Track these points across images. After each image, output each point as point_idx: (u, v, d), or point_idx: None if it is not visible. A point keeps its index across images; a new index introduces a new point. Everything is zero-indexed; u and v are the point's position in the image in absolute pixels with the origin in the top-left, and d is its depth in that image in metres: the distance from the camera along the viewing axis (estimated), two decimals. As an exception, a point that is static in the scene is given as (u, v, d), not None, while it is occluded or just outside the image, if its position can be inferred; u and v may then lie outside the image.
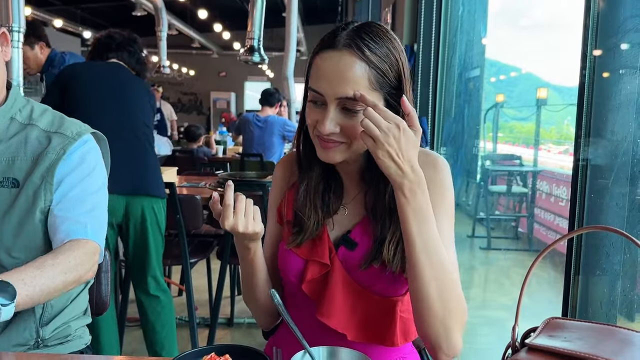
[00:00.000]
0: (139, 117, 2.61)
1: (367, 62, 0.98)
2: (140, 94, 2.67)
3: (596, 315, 1.33)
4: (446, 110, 2.87)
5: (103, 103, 2.52)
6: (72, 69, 2.66)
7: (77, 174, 1.26)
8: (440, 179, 1.09)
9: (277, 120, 4.92)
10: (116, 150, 2.41)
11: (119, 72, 2.64)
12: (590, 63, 1.36)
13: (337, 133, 1.02)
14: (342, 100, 0.99)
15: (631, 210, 1.27)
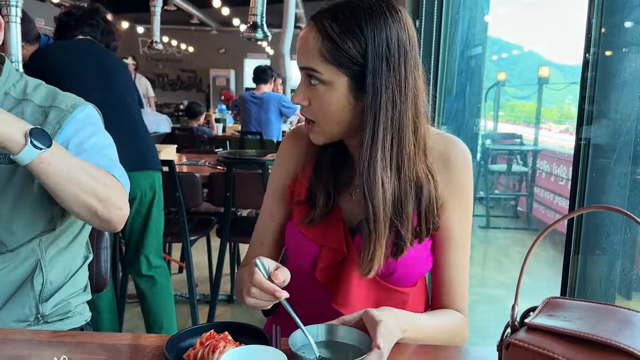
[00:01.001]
0: (122, 90, 2.55)
1: (322, 34, 0.98)
2: (119, 67, 2.61)
3: (595, 294, 1.34)
4: (447, 89, 2.84)
5: (85, 81, 2.43)
6: (42, 53, 2.56)
7: (82, 133, 1.22)
8: (451, 180, 1.08)
9: (273, 97, 4.90)
10: (109, 128, 2.44)
11: (91, 47, 2.55)
12: (594, 40, 1.34)
13: (307, 108, 1.03)
14: (303, 71, 1.01)
15: (633, 189, 1.26)
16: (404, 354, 0.99)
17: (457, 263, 1.10)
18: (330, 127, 1.04)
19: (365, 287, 1.07)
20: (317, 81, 1.00)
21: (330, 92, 1.00)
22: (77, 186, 1.06)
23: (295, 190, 1.14)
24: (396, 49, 0.98)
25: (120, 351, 0.96)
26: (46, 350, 0.94)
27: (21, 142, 0.98)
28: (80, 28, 2.56)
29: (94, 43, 2.57)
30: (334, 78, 0.99)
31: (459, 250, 1.10)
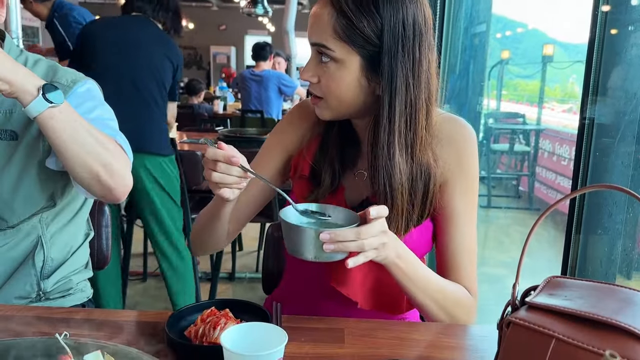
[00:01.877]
0: (149, 76, 2.53)
1: (337, 10, 0.95)
2: (160, 54, 2.57)
3: (596, 273, 1.34)
4: (451, 67, 2.82)
5: (111, 59, 2.47)
6: (90, 24, 2.64)
7: (85, 106, 1.21)
8: (460, 160, 1.07)
9: (272, 75, 4.86)
10: (115, 104, 2.43)
11: (138, 26, 2.55)
12: (600, 18, 1.32)
13: (316, 85, 1.01)
14: (315, 47, 0.99)
15: (636, 168, 1.26)
16: (406, 331, 0.99)
17: (462, 243, 1.08)
18: (338, 106, 1.02)
19: (365, 266, 1.05)
20: (328, 58, 0.97)
21: (342, 70, 0.98)
22: (83, 147, 1.06)
23: (298, 165, 1.13)
24: (411, 30, 0.96)
25: (121, 328, 0.96)
26: (47, 327, 0.94)
27: (33, 93, 0.99)
28: (133, 3, 2.57)
29: (144, 22, 2.57)
30: (346, 56, 0.97)
31: (464, 230, 1.08)
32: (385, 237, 0.91)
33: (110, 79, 2.42)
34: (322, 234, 0.85)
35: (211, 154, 0.92)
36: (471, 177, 1.08)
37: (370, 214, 0.87)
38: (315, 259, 0.87)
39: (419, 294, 1.00)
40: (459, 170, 1.06)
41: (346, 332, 0.97)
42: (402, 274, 0.97)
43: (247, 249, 4.08)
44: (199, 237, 1.17)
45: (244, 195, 1.10)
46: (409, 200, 1.02)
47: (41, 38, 9.47)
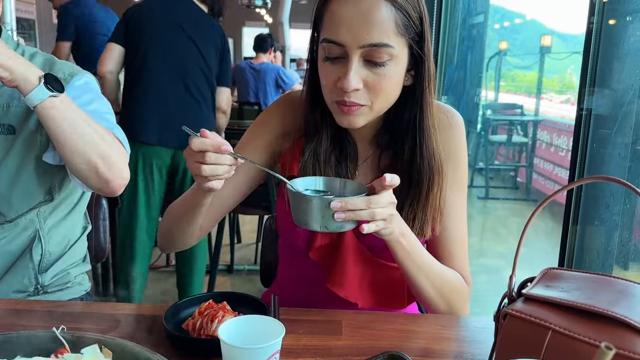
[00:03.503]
0: (195, 66, 2.50)
1: (392, 3, 0.89)
2: (206, 37, 2.52)
3: (593, 264, 1.34)
4: (448, 57, 2.81)
5: (158, 49, 2.44)
6: (135, 7, 2.55)
7: (84, 98, 1.20)
8: (455, 147, 1.06)
9: (271, 68, 4.83)
10: (164, 104, 2.45)
11: (183, 10, 2.50)
12: (598, 9, 1.31)
13: (359, 92, 0.93)
14: (366, 49, 0.90)
15: (633, 160, 1.26)
16: (404, 323, 1.00)
17: (455, 232, 1.08)
18: (383, 107, 0.98)
19: (361, 266, 1.05)
20: (387, 57, 0.91)
21: (396, 67, 0.93)
22: (82, 137, 1.07)
23: (286, 164, 1.08)
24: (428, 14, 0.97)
25: (119, 321, 0.96)
26: (45, 320, 0.94)
27: (34, 82, 1.00)
28: None
29: (190, 3, 2.51)
30: (401, 51, 0.92)
31: (456, 219, 1.08)
32: (393, 209, 0.89)
33: (160, 76, 2.44)
34: (334, 202, 0.82)
35: (198, 144, 0.84)
36: (461, 166, 1.08)
37: (385, 179, 0.84)
38: (324, 229, 0.85)
39: (419, 275, 0.99)
40: (450, 159, 1.05)
41: (344, 324, 0.97)
42: (404, 253, 0.95)
43: (245, 241, 4.08)
44: (170, 233, 1.10)
45: (220, 191, 1.05)
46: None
47: (37, 31, 9.41)
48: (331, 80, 0.94)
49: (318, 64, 0.97)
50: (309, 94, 1.04)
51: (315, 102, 1.03)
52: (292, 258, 1.14)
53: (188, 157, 0.87)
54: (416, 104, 0.99)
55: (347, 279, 1.04)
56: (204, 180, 0.87)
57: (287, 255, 1.17)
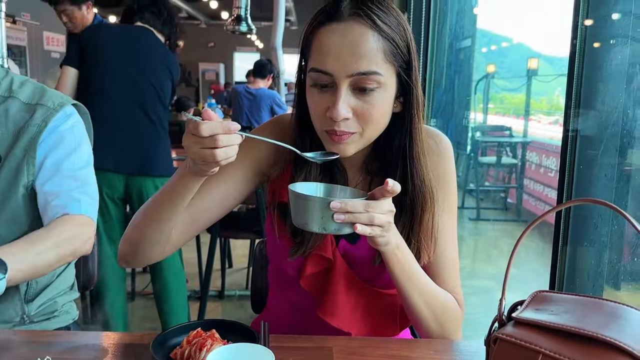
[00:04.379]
0: (152, 92, 2.47)
1: (379, 32, 0.90)
2: (162, 66, 2.51)
3: (583, 285, 1.34)
4: (436, 81, 2.84)
5: (115, 72, 2.42)
6: (92, 30, 2.54)
7: (63, 148, 1.23)
8: (444, 172, 1.06)
9: (267, 94, 4.86)
10: (123, 126, 2.43)
11: (141, 37, 2.50)
12: (581, 32, 1.34)
13: (349, 120, 0.92)
14: (354, 78, 0.90)
15: (619, 181, 1.27)
16: (396, 349, 0.99)
17: (446, 256, 1.07)
18: (373, 135, 0.97)
19: (353, 294, 1.04)
20: (375, 85, 0.91)
21: (384, 94, 0.93)
22: (49, 269, 1.13)
23: (276, 190, 1.07)
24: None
25: (106, 350, 0.95)
26: (30, 350, 0.92)
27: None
28: (141, 14, 2.51)
29: (146, 32, 2.52)
30: (389, 78, 0.93)
31: (447, 243, 1.07)
32: (391, 217, 0.89)
33: (117, 100, 2.40)
34: (333, 202, 0.82)
35: (208, 129, 0.78)
36: (451, 190, 1.08)
37: (388, 183, 0.84)
38: (322, 230, 0.85)
39: (413, 292, 0.97)
40: (440, 184, 1.05)
41: (335, 350, 0.96)
42: (399, 267, 0.94)
43: (237, 265, 4.05)
44: (140, 235, 1.00)
45: (201, 199, 1.01)
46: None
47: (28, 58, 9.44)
48: (320, 109, 0.94)
49: (306, 93, 0.97)
50: (298, 121, 1.04)
51: (304, 129, 1.02)
52: (282, 285, 1.13)
53: (193, 145, 0.81)
54: (405, 131, 0.99)
55: (338, 308, 1.02)
56: (213, 166, 0.83)
57: (276, 281, 1.16)
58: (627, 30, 1.28)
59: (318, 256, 1.02)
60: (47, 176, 1.21)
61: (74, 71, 2.45)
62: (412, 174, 1.00)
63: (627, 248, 1.30)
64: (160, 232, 0.98)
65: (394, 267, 0.94)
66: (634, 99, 1.24)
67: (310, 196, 0.85)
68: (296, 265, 1.04)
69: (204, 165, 0.83)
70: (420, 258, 1.01)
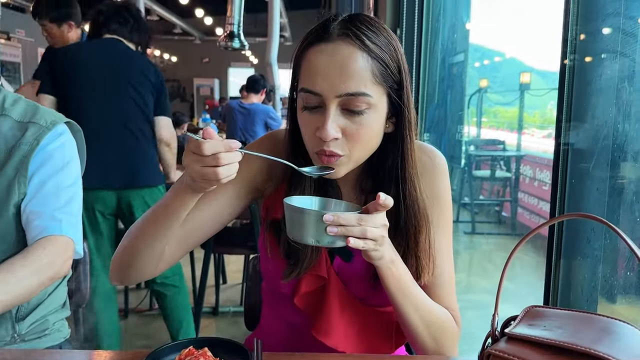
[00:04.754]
0: (131, 103, 2.43)
1: (368, 52, 0.90)
2: (138, 73, 2.45)
3: (578, 299, 1.34)
4: (429, 96, 2.86)
5: (92, 89, 2.39)
6: (64, 50, 2.51)
7: (50, 167, 1.23)
8: (438, 189, 1.06)
9: (261, 109, 4.88)
10: (105, 144, 2.40)
11: (112, 50, 2.46)
12: (571, 47, 1.35)
13: (339, 141, 0.92)
14: (343, 98, 0.90)
15: (611, 195, 1.27)
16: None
17: (442, 275, 1.07)
18: (362, 156, 0.97)
19: (347, 313, 1.03)
20: (365, 106, 0.91)
21: (375, 116, 0.93)
22: (30, 296, 1.13)
23: (270, 208, 1.07)
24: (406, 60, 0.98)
25: (97, 370, 0.93)
26: (20, 371, 0.91)
27: None
28: (108, 26, 2.48)
29: (116, 44, 2.48)
30: (379, 99, 0.93)
31: (444, 262, 1.07)
32: (385, 231, 0.88)
33: (98, 119, 2.37)
34: (326, 215, 0.82)
35: (211, 147, 0.78)
36: (446, 208, 1.08)
37: (380, 197, 0.84)
38: (317, 243, 0.85)
39: (408, 307, 0.97)
40: (434, 201, 1.05)
41: (328, 367, 0.96)
42: (394, 282, 0.94)
43: (231, 281, 4.03)
44: (135, 251, 0.99)
45: (194, 216, 1.01)
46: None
47: (22, 74, 9.45)
48: (310, 130, 0.94)
49: (297, 113, 0.97)
50: (291, 141, 1.04)
51: (297, 148, 1.02)
52: (276, 302, 1.12)
53: (194, 163, 0.81)
54: (398, 152, 0.99)
55: (333, 327, 1.01)
56: (214, 184, 0.84)
57: (270, 299, 1.15)
58: (615, 46, 1.30)
59: (313, 275, 1.02)
60: (31, 194, 1.20)
61: (51, 99, 2.42)
62: (405, 195, 0.99)
63: (621, 262, 1.30)
64: (154, 249, 0.97)
65: (389, 282, 0.94)
66: (623, 113, 1.25)
67: (305, 209, 0.85)
68: (290, 283, 1.03)
69: (205, 183, 0.83)
70: (420, 278, 1.01)
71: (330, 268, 1.02)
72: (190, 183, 0.86)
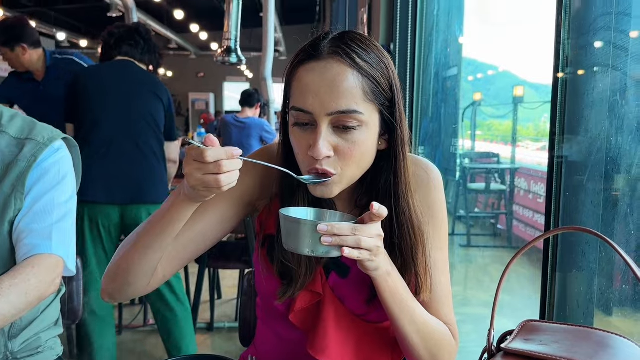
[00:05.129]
0: (143, 122, 2.50)
1: (359, 70, 0.90)
2: (149, 94, 2.53)
3: (574, 312, 1.34)
4: (423, 110, 2.87)
5: (105, 110, 2.46)
6: (78, 74, 2.60)
7: (45, 183, 1.22)
8: (433, 204, 1.05)
9: (256, 123, 4.89)
10: (115, 160, 2.45)
11: (124, 71, 2.54)
12: (563, 61, 1.36)
13: (331, 159, 0.92)
14: (334, 116, 0.90)
15: (605, 208, 1.27)
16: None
17: (439, 289, 1.06)
18: (355, 175, 0.97)
19: (343, 329, 1.01)
20: (356, 123, 0.91)
21: (367, 133, 0.93)
22: (17, 317, 1.13)
23: (263, 222, 1.06)
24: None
25: (89, 388, 0.92)
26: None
27: None
28: (119, 48, 2.56)
29: (128, 65, 2.55)
30: (371, 117, 0.92)
31: (440, 277, 1.06)
32: (380, 242, 0.88)
33: (109, 135, 2.44)
34: (320, 225, 0.82)
35: (213, 154, 0.78)
36: (441, 223, 1.07)
37: (373, 207, 0.84)
38: (312, 253, 0.85)
39: (404, 320, 0.95)
40: (429, 215, 1.04)
41: (324, 384, 0.94)
42: (390, 294, 0.93)
43: (226, 296, 4.00)
44: (128, 265, 0.97)
45: (187, 231, 1.00)
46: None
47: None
48: (302, 148, 0.94)
49: (289, 131, 0.97)
50: (283, 158, 1.03)
51: (290, 165, 1.01)
52: (271, 318, 1.11)
53: (195, 172, 0.80)
54: (390, 169, 0.99)
55: (329, 344, 1.00)
56: (215, 192, 0.83)
57: (265, 314, 1.14)
58: (607, 59, 1.31)
59: (308, 291, 1.01)
60: (24, 211, 1.20)
61: (71, 126, 2.54)
62: (399, 212, 0.99)
63: (617, 274, 1.30)
64: (148, 262, 0.96)
65: (385, 295, 0.93)
66: (616, 126, 1.26)
67: (300, 219, 0.86)
68: (286, 300, 1.02)
69: (206, 191, 0.83)
70: (421, 294, 1.00)
71: (325, 284, 1.01)
72: (189, 192, 0.86)
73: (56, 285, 1.19)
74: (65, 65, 3.06)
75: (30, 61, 3.01)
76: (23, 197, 1.19)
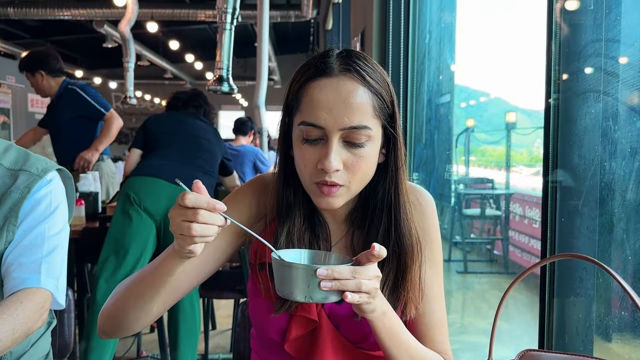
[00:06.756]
0: (201, 164, 2.80)
1: (369, 87, 0.93)
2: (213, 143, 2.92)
3: (573, 340, 1.32)
4: (417, 136, 2.89)
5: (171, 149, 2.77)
6: (153, 117, 3.05)
7: (36, 215, 1.21)
8: (427, 228, 1.05)
9: (249, 150, 4.90)
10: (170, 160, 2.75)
11: (193, 122, 2.94)
12: (554, 87, 1.38)
13: (339, 172, 0.94)
14: (346, 131, 0.92)
15: (601, 234, 1.27)
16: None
17: (433, 315, 1.05)
18: (360, 187, 0.99)
19: (340, 357, 1.00)
20: (365, 139, 0.94)
21: (373, 147, 0.96)
22: (3, 351, 1.08)
23: (259, 247, 1.04)
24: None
25: None
26: None
27: None
28: (185, 109, 3.01)
29: (196, 118, 2.99)
30: (377, 132, 0.96)
31: (434, 302, 1.05)
32: (378, 283, 0.86)
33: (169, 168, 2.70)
34: (320, 269, 0.80)
35: (193, 200, 0.78)
36: (436, 247, 1.07)
37: (374, 248, 0.83)
38: (308, 300, 0.82)
39: (401, 358, 0.94)
40: (424, 241, 1.03)
41: (320, 418, 0.92)
42: (386, 334, 0.92)
43: (220, 327, 3.94)
44: (122, 312, 0.98)
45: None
46: None
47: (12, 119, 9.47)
48: (311, 162, 0.94)
49: (294, 147, 0.98)
50: (282, 175, 1.03)
51: (288, 183, 1.03)
52: (265, 350, 1.09)
53: (176, 217, 0.80)
54: (391, 181, 1.01)
55: None
56: (189, 243, 0.81)
57: (259, 346, 1.12)
58: (598, 84, 1.32)
59: (303, 318, 0.99)
60: (15, 243, 1.18)
61: (138, 152, 2.93)
62: (398, 224, 1.00)
63: (615, 300, 1.29)
64: (141, 309, 0.97)
65: (381, 334, 0.92)
66: (609, 151, 1.26)
67: (294, 263, 0.82)
68: (280, 328, 1.01)
69: (181, 239, 0.81)
70: (408, 312, 0.99)
71: (321, 310, 1.00)
72: (175, 245, 0.85)
73: (43, 320, 1.17)
74: (70, 96, 3.52)
75: (49, 87, 3.54)
76: (15, 229, 1.18)
